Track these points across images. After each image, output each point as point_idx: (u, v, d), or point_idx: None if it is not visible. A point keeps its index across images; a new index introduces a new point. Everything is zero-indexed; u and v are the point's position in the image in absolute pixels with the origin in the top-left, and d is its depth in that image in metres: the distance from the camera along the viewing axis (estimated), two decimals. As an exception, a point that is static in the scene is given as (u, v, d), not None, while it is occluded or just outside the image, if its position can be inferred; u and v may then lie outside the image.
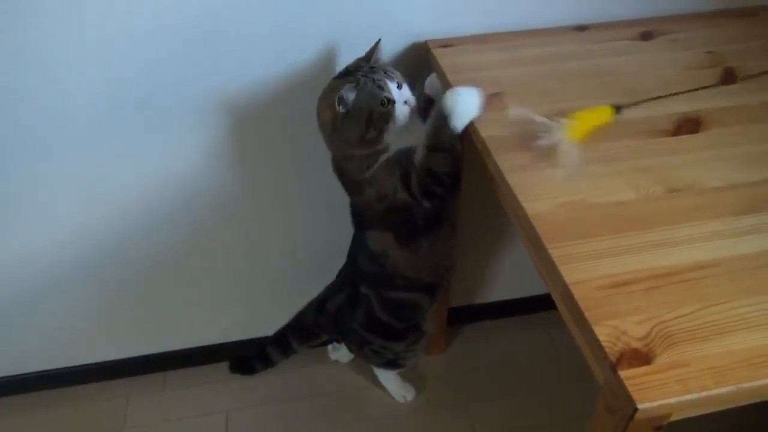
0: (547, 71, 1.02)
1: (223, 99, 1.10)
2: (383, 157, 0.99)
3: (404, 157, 0.98)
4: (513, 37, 1.10)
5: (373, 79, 0.95)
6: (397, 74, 0.99)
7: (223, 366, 1.54)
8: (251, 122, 1.14)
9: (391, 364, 1.37)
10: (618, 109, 0.89)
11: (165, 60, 1.03)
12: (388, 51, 1.10)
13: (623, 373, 0.58)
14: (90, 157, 1.13)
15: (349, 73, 0.99)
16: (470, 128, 0.92)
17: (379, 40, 1.01)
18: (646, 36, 1.10)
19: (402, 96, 0.97)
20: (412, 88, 1.00)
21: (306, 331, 1.32)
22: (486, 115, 0.92)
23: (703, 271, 0.68)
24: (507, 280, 1.57)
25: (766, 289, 0.66)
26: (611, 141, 0.87)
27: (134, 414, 1.46)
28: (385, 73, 0.97)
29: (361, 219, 1.11)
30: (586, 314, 0.64)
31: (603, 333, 0.62)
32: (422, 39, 1.10)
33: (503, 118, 0.90)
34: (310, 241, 1.37)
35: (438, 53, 1.06)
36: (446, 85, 0.99)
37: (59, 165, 1.12)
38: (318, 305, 1.28)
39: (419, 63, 1.09)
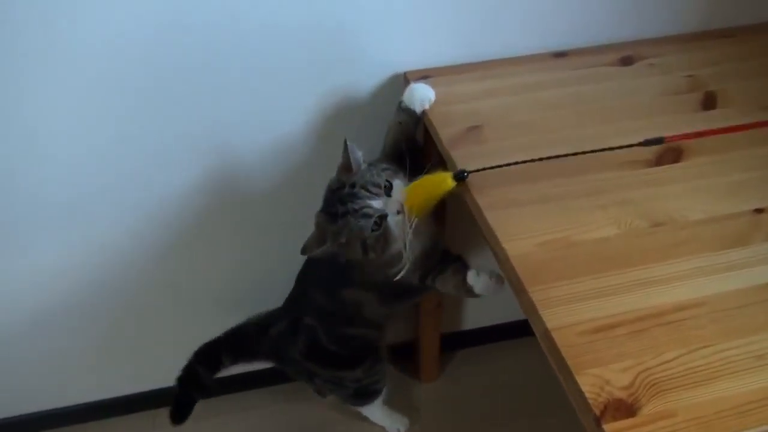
0: (527, 101, 1.00)
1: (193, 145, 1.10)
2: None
3: (427, 258, 0.95)
4: (491, 66, 1.09)
5: (355, 210, 0.85)
6: (382, 176, 0.88)
7: (213, 402, 1.51)
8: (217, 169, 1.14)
9: (360, 395, 1.30)
10: (462, 174, 0.84)
11: (144, 104, 1.03)
12: (368, 85, 1.09)
13: (607, 427, 0.57)
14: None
15: (331, 200, 0.89)
16: (449, 165, 0.91)
17: (345, 140, 0.89)
18: (626, 61, 1.09)
19: (393, 204, 0.86)
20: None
21: (243, 350, 1.23)
22: (464, 151, 0.91)
23: (686, 312, 0.66)
24: (499, 303, 1.55)
25: (750, 330, 0.64)
26: (594, 173, 0.86)
27: (123, 455, 1.43)
28: (367, 190, 0.86)
29: (336, 270, 1.03)
30: (569, 363, 0.62)
31: (586, 383, 0.60)
32: (401, 71, 1.09)
33: (482, 154, 0.89)
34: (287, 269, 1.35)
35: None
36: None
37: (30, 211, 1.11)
38: (261, 329, 1.21)
39: (398, 95, 1.08)
